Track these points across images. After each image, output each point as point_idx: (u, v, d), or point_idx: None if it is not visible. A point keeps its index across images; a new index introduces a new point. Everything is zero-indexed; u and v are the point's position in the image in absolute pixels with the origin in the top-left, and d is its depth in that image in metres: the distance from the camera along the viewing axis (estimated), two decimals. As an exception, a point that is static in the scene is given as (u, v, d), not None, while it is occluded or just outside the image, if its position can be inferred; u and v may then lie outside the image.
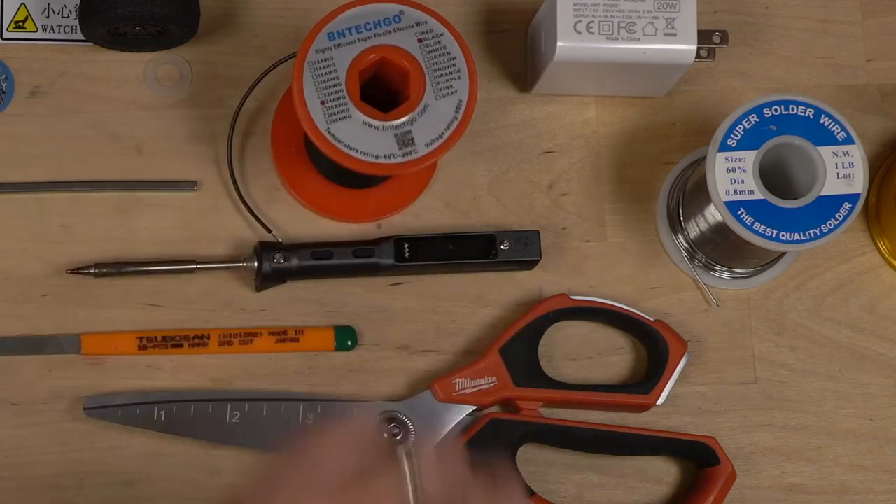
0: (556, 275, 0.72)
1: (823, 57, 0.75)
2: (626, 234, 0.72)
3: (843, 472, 0.71)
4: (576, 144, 0.73)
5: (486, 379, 0.69)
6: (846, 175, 0.65)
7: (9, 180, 0.70)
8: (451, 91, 0.63)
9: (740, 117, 0.65)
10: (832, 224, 0.64)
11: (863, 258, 0.73)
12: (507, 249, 0.70)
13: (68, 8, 0.71)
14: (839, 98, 0.74)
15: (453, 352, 0.71)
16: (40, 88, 0.71)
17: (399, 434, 0.68)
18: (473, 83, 0.64)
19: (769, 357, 0.72)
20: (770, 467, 0.71)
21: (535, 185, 0.72)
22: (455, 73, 0.64)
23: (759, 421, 0.71)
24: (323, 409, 0.68)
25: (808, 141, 0.65)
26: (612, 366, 0.71)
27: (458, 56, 0.64)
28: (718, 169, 0.65)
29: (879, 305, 0.73)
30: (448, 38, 0.64)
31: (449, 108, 0.63)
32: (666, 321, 0.71)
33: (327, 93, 0.63)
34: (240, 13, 0.72)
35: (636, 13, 0.67)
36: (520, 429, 0.68)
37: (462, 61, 0.64)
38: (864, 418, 0.72)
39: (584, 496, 0.70)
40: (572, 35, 0.66)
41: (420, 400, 0.69)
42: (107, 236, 0.70)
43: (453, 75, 0.64)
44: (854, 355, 0.72)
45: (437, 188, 0.72)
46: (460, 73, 0.64)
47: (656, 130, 0.73)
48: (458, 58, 0.64)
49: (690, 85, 0.74)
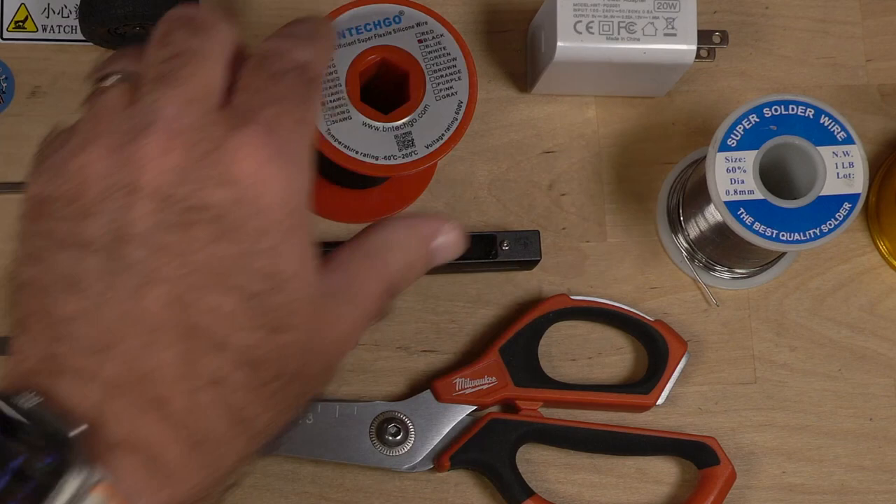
0: (556, 275, 0.72)
1: (823, 57, 0.75)
2: (626, 234, 0.72)
3: (843, 472, 0.71)
4: (576, 144, 0.73)
5: (486, 379, 0.69)
6: (846, 175, 0.65)
7: (9, 180, 0.70)
8: (451, 92, 0.63)
9: (740, 117, 0.65)
10: (832, 224, 0.64)
11: (863, 258, 0.73)
12: (507, 249, 0.70)
13: (68, 8, 0.71)
14: (839, 98, 0.74)
15: (453, 352, 0.71)
16: (40, 88, 0.71)
17: (399, 434, 0.68)
18: (473, 85, 0.64)
19: (769, 357, 0.72)
20: (770, 467, 0.71)
21: (535, 185, 0.72)
22: (455, 75, 0.64)
23: (759, 421, 0.71)
24: (322, 409, 0.68)
25: (808, 141, 0.65)
26: (612, 366, 0.72)
27: (459, 57, 0.64)
28: (718, 169, 0.65)
29: (879, 305, 0.73)
30: (448, 39, 0.64)
31: (449, 109, 0.63)
32: (666, 321, 0.71)
33: (327, 94, 0.63)
34: (240, 13, 0.72)
35: (636, 13, 0.67)
36: (520, 429, 0.69)
37: (462, 62, 0.64)
38: (864, 418, 0.72)
39: (584, 496, 0.70)
40: (572, 35, 0.66)
41: (420, 400, 0.69)
42: (107, 236, 0.70)
43: (453, 76, 0.64)
44: (854, 355, 0.72)
45: (437, 188, 0.72)
46: (460, 75, 0.64)
47: (656, 130, 0.73)
48: (459, 59, 0.64)
49: (690, 85, 0.74)
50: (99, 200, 0.50)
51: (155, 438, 0.48)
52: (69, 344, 0.49)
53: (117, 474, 0.47)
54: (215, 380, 0.49)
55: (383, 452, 0.68)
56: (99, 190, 0.50)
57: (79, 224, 0.50)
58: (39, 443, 0.46)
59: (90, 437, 0.47)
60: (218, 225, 0.49)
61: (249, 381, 0.50)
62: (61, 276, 0.49)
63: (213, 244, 0.49)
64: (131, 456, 0.48)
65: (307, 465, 0.69)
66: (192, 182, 0.50)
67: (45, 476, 0.45)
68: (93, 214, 0.50)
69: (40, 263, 0.50)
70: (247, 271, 0.50)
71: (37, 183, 0.52)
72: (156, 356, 0.48)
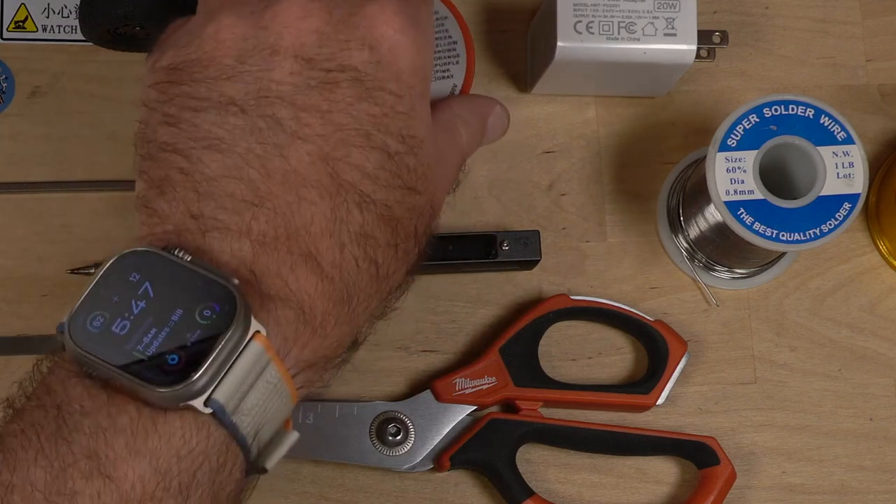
0: (556, 275, 0.72)
1: (823, 57, 0.75)
2: (626, 234, 0.72)
3: (843, 472, 0.71)
4: (576, 144, 0.73)
5: (486, 379, 0.69)
6: (846, 175, 0.65)
7: (9, 180, 0.70)
8: (447, 75, 0.63)
9: (740, 117, 0.65)
10: (832, 224, 0.64)
11: (863, 258, 0.73)
12: (507, 249, 0.70)
13: (68, 8, 0.71)
14: (839, 98, 0.74)
15: (453, 352, 0.71)
16: (40, 88, 0.71)
17: (399, 434, 0.68)
18: (470, 70, 0.64)
19: (769, 357, 0.72)
20: (770, 467, 0.71)
21: (535, 185, 0.72)
22: (454, 58, 0.64)
23: (759, 421, 0.71)
24: (322, 409, 0.68)
25: (808, 141, 0.65)
26: (612, 366, 0.72)
27: (459, 41, 0.64)
28: (718, 169, 0.65)
29: (879, 305, 0.73)
30: (451, 22, 0.64)
31: (443, 91, 0.63)
32: (666, 321, 0.71)
33: None
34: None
35: (636, 13, 0.67)
36: (520, 429, 0.69)
37: (462, 46, 0.64)
38: (864, 418, 0.72)
39: (584, 496, 0.70)
40: (572, 35, 0.66)
41: (420, 400, 0.69)
42: (107, 236, 0.70)
43: (451, 59, 0.64)
44: (854, 355, 0.72)
45: (437, 188, 0.72)
46: (458, 59, 0.64)
47: (656, 130, 0.73)
48: (459, 43, 0.64)
49: (690, 85, 0.74)
50: (239, 62, 0.50)
51: (306, 292, 0.49)
52: (215, 201, 0.49)
53: (270, 328, 0.47)
54: (362, 234, 0.50)
55: (383, 452, 0.68)
56: (238, 52, 0.50)
57: (219, 85, 0.50)
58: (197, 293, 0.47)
59: (246, 289, 0.47)
60: (360, 86, 0.50)
61: (389, 239, 0.51)
62: (203, 136, 0.50)
63: (356, 104, 0.50)
64: (284, 310, 0.48)
65: (307, 465, 0.69)
66: (333, 44, 0.50)
67: (209, 325, 0.46)
68: (233, 76, 0.50)
69: (178, 125, 0.50)
70: (388, 131, 0.51)
71: (167, 53, 0.52)
72: (306, 211, 0.49)
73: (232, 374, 0.46)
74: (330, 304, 0.50)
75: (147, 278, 0.47)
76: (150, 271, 0.47)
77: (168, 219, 0.49)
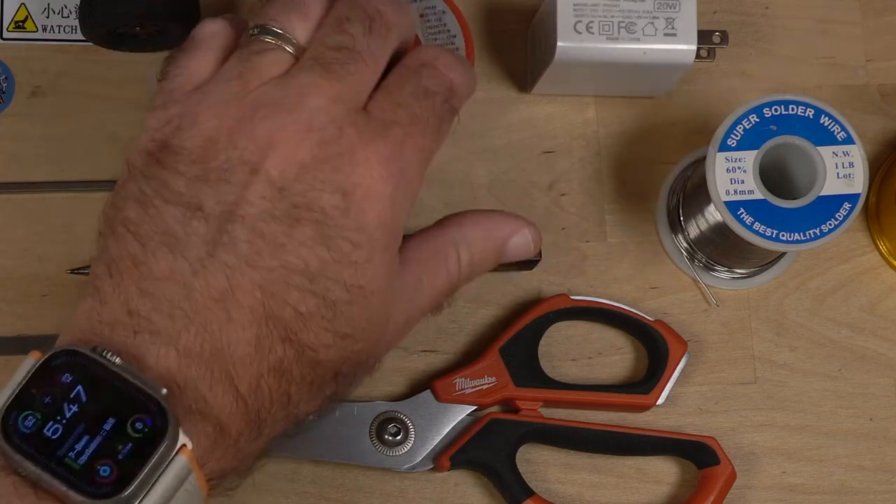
0: (556, 275, 0.72)
1: (823, 57, 0.75)
2: (626, 234, 0.72)
3: (843, 472, 0.71)
4: (576, 144, 0.73)
5: (486, 379, 0.69)
6: (846, 175, 0.65)
7: (9, 180, 0.70)
8: None
9: (740, 117, 0.65)
10: (832, 224, 0.64)
11: (863, 258, 0.73)
12: (507, 249, 0.70)
13: (68, 8, 0.71)
14: (839, 98, 0.74)
15: (453, 352, 0.71)
16: (40, 88, 0.71)
17: (399, 434, 0.68)
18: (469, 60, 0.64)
19: (769, 357, 0.72)
20: (770, 467, 0.71)
21: (535, 185, 0.72)
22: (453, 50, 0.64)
23: (759, 421, 0.71)
24: (323, 409, 0.68)
25: (808, 141, 0.65)
26: (612, 366, 0.72)
27: (458, 35, 0.64)
28: (718, 169, 0.65)
29: (879, 305, 0.73)
30: (450, 17, 0.64)
31: None
32: (666, 321, 0.71)
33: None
34: (239, 12, 0.72)
35: (636, 13, 0.67)
36: (520, 429, 0.69)
37: (461, 41, 0.64)
38: (864, 418, 0.72)
39: (584, 496, 0.70)
40: (572, 35, 0.66)
41: (420, 400, 0.69)
42: (107, 236, 0.70)
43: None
44: (854, 355, 0.72)
45: (437, 188, 0.72)
46: (458, 52, 0.64)
47: (656, 130, 0.73)
48: (458, 37, 0.64)
49: (690, 85, 0.74)
50: (222, 170, 0.51)
51: (224, 410, 0.50)
52: (153, 303, 0.50)
53: (192, 440, 0.48)
54: (280, 369, 0.51)
55: (383, 452, 0.68)
56: (225, 159, 0.51)
57: (196, 186, 0.51)
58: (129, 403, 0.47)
59: (171, 400, 0.48)
60: (320, 229, 0.51)
61: (306, 377, 0.52)
62: (163, 231, 0.51)
63: (311, 245, 0.51)
64: (204, 424, 0.49)
65: (307, 465, 0.69)
66: (309, 181, 0.51)
67: (140, 439, 0.47)
68: (212, 182, 0.51)
69: (147, 209, 0.51)
70: (332, 279, 0.51)
71: (166, 122, 0.53)
72: (233, 333, 0.50)
73: (160, 484, 0.47)
74: (243, 424, 0.51)
75: (79, 381, 0.48)
76: (82, 374, 0.48)
77: (106, 305, 0.50)
